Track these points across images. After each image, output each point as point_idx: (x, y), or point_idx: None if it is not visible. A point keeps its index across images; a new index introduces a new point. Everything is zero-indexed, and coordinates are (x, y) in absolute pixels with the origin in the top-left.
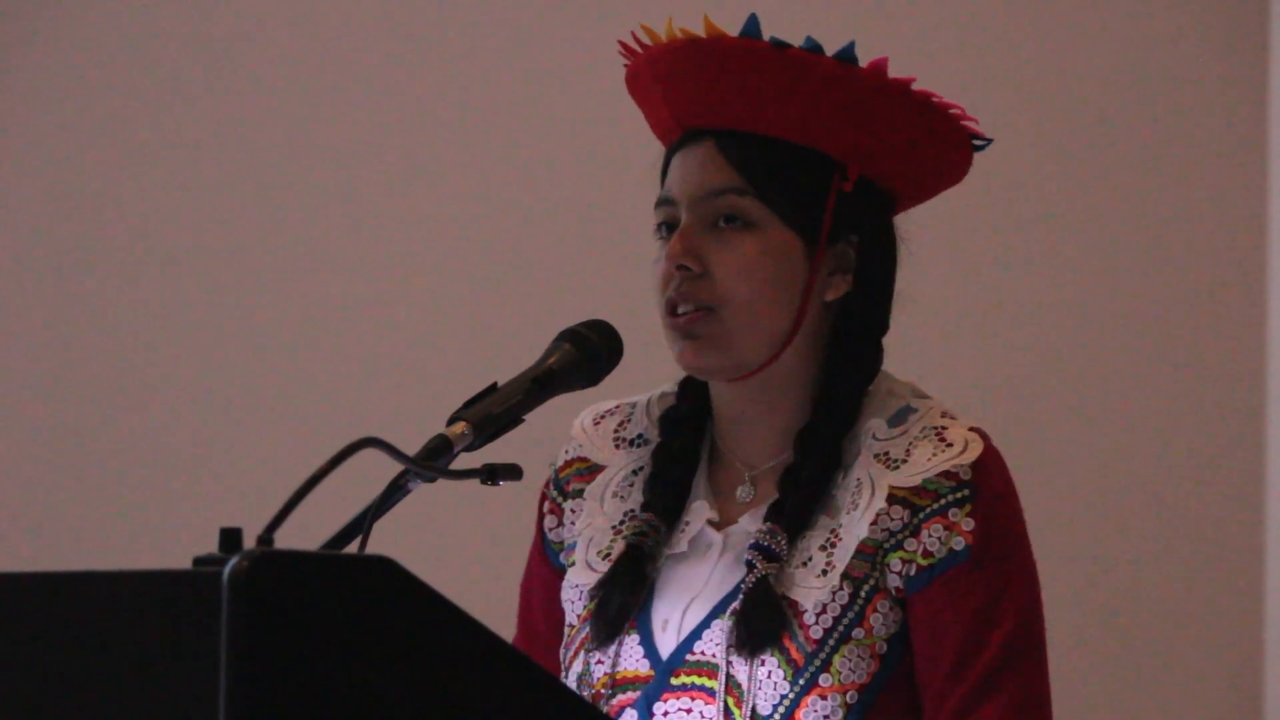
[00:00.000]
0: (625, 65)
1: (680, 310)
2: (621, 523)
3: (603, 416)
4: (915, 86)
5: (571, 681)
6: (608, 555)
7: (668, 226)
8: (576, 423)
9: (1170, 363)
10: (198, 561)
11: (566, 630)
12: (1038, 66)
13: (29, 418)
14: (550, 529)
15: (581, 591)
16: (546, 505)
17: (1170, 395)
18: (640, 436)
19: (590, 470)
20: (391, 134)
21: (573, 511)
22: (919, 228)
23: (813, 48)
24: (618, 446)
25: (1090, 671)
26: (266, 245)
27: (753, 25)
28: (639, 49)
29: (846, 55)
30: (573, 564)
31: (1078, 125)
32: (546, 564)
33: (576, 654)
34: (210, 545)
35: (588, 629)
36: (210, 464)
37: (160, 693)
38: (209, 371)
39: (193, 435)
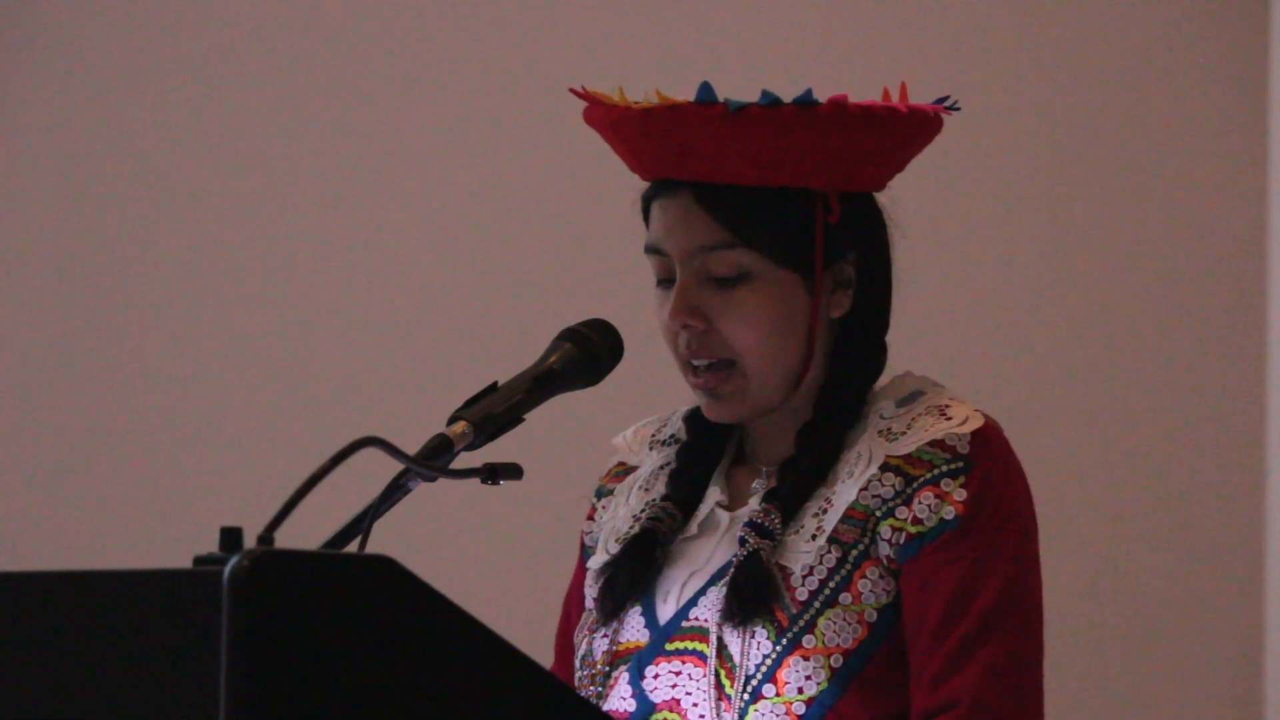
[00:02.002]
0: (583, 110)
1: (696, 364)
2: (643, 511)
3: (643, 427)
4: (881, 101)
5: (577, 660)
6: (624, 540)
7: (663, 278)
8: (619, 437)
9: (1170, 363)
10: (198, 561)
11: (584, 615)
12: (1038, 67)
13: (29, 417)
14: (586, 532)
15: (598, 575)
16: (587, 514)
17: (1170, 395)
18: (672, 437)
19: (626, 472)
20: (391, 134)
21: (603, 508)
22: (918, 228)
23: (771, 102)
24: (652, 448)
25: (1090, 671)
26: (267, 245)
27: (706, 92)
28: (590, 99)
29: (805, 100)
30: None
31: (1077, 126)
32: (582, 571)
33: (586, 635)
34: (210, 545)
35: (594, 608)
36: (210, 464)
37: (160, 693)
38: (209, 371)
39: (193, 435)
